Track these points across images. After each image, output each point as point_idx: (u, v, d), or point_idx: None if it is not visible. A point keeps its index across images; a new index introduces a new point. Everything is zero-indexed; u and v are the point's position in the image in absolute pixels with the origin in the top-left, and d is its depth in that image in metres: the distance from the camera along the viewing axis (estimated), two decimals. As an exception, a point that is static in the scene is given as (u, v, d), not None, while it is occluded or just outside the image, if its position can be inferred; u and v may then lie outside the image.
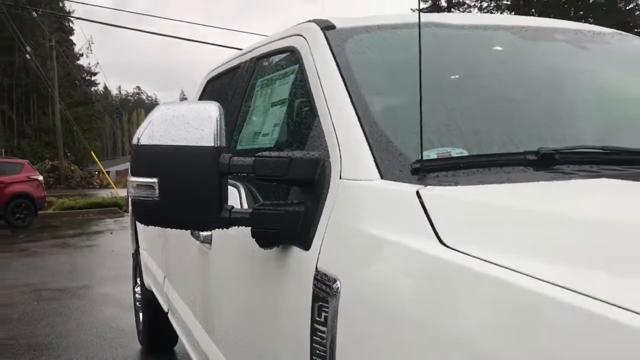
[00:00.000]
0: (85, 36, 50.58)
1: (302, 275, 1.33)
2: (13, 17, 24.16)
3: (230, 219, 1.38)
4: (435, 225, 1.00)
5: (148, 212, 1.40)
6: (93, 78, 61.36)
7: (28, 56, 26.52)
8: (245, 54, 2.51)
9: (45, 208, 16.43)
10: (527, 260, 0.80)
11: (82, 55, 53.08)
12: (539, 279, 0.74)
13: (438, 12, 78.90)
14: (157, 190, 1.36)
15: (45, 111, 37.40)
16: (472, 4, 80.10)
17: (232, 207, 1.40)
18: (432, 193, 1.08)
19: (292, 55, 1.88)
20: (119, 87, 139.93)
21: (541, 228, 0.86)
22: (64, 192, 27.91)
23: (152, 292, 3.93)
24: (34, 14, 27.88)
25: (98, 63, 59.31)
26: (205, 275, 2.31)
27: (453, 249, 0.93)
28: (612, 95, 1.80)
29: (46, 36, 32.72)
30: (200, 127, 1.36)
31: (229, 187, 1.44)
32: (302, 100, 1.72)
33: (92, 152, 25.15)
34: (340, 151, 1.38)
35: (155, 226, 1.47)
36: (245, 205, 1.88)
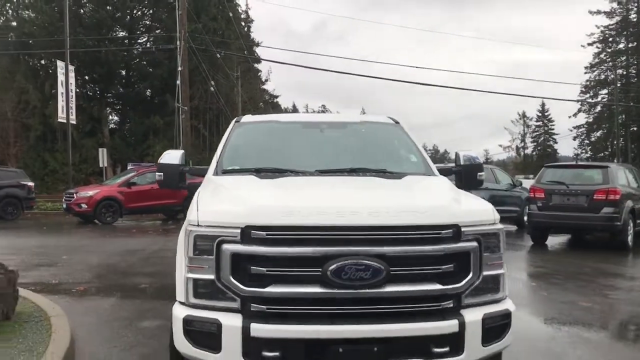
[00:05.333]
0: (268, 66, 57.77)
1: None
2: (205, 57, 30.32)
3: (181, 187, 4.67)
4: (206, 183, 4.16)
5: (161, 183, 4.73)
6: (276, 100, 69.32)
7: (212, 89, 32.51)
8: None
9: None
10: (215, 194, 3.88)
11: (267, 80, 60.60)
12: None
13: (628, 26, 73.65)
14: (162, 177, 4.69)
15: (231, 130, 44.09)
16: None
17: (185, 182, 4.67)
18: (213, 177, 4.28)
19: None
20: (306, 105, 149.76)
21: (226, 185, 3.98)
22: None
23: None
24: (218, 55, 34.06)
25: (274, 89, 67.04)
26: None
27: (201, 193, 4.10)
28: (320, 150, 4.75)
29: (234, 68, 39.20)
30: (174, 158, 4.67)
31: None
32: None
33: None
34: (210, 166, 4.59)
35: (164, 188, 4.82)
36: None
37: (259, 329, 3.04)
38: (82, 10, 39.91)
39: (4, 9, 41.22)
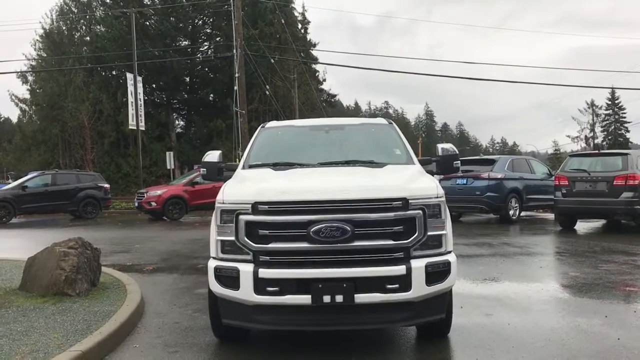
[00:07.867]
0: (323, 66, 59.67)
1: None
2: (262, 61, 31.96)
3: (219, 179, 6.10)
4: (235, 175, 5.56)
5: (204, 177, 6.18)
6: (335, 99, 70.80)
7: (267, 93, 34.27)
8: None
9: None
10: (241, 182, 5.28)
11: (324, 80, 62.07)
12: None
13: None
14: (206, 172, 6.13)
15: (289, 130, 45.86)
16: None
17: (225, 175, 6.09)
18: (241, 170, 5.68)
19: None
20: (369, 102, 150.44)
21: (248, 176, 5.35)
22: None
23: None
24: (272, 60, 35.80)
25: (330, 89, 68.83)
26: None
27: (232, 180, 5.51)
28: (323, 148, 6.07)
29: (291, 70, 40.83)
30: (214, 157, 6.11)
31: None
32: None
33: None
34: (240, 162, 5.99)
35: (206, 180, 6.27)
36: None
37: (264, 273, 4.38)
38: (147, 23, 42.63)
39: (78, 25, 44.64)
